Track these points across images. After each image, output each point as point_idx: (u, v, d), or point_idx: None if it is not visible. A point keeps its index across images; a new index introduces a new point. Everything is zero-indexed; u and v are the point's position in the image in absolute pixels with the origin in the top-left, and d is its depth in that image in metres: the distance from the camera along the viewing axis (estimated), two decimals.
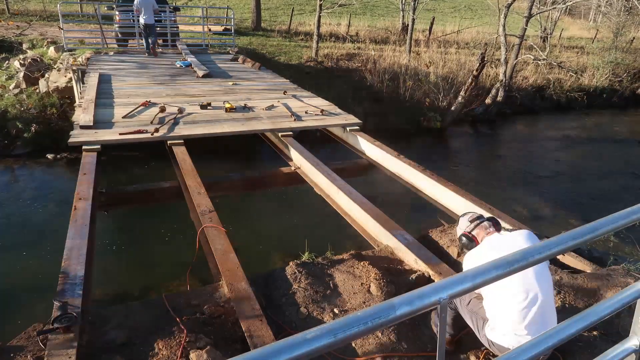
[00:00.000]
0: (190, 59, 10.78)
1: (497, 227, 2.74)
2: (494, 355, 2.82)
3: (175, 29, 13.87)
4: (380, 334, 2.83)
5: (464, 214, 2.91)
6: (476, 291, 2.59)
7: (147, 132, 5.64)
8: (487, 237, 2.68)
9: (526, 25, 13.55)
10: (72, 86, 9.44)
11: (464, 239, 2.78)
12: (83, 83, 8.34)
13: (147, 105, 6.82)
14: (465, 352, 2.84)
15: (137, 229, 6.30)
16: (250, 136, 6.83)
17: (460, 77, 13.29)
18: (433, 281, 3.30)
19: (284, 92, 8.26)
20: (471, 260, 2.60)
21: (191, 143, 5.66)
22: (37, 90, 10.00)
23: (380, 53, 15.76)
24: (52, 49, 12.23)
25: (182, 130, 5.86)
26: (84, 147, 5.14)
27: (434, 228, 4.27)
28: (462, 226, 2.82)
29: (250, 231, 6.36)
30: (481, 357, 2.80)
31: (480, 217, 2.80)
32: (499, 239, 2.63)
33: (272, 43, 16.22)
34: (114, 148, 5.62)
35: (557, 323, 2.26)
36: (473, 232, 2.74)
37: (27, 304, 4.40)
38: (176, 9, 15.04)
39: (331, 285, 3.30)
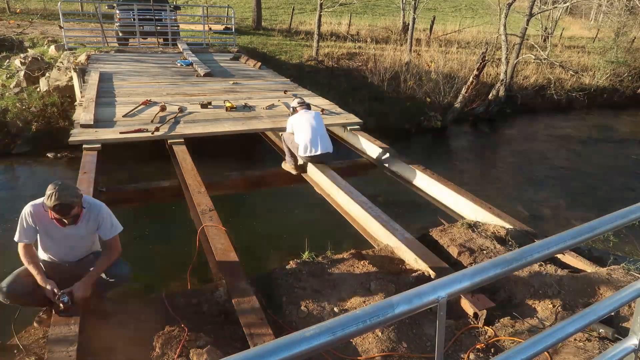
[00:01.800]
0: (191, 58, 10.77)
1: (308, 108, 5.54)
2: (494, 351, 2.83)
3: (176, 27, 13.86)
4: (380, 333, 2.83)
5: (298, 99, 5.72)
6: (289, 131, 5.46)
7: (147, 131, 5.64)
8: (302, 111, 5.43)
9: (527, 24, 13.53)
10: (73, 85, 9.43)
11: (291, 109, 5.68)
12: (84, 82, 8.35)
13: (148, 104, 6.82)
14: (465, 351, 2.84)
15: (137, 228, 6.29)
16: (251, 135, 6.83)
17: (461, 76, 13.28)
18: (433, 280, 3.30)
19: (285, 92, 8.27)
20: (292, 121, 5.42)
21: (191, 142, 5.67)
22: (38, 89, 10.01)
23: (381, 52, 15.76)
24: (52, 47, 12.24)
25: (183, 129, 5.87)
26: (84, 146, 5.15)
27: (434, 227, 4.28)
28: (295, 104, 5.59)
29: (250, 230, 6.36)
30: (481, 351, 2.80)
31: (304, 103, 5.58)
32: (306, 113, 5.40)
33: (273, 42, 16.21)
34: (114, 147, 5.62)
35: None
36: (298, 108, 5.48)
37: None
38: (177, 7, 15.04)
39: (331, 284, 3.30)
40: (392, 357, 2.71)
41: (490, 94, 13.45)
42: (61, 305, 2.67)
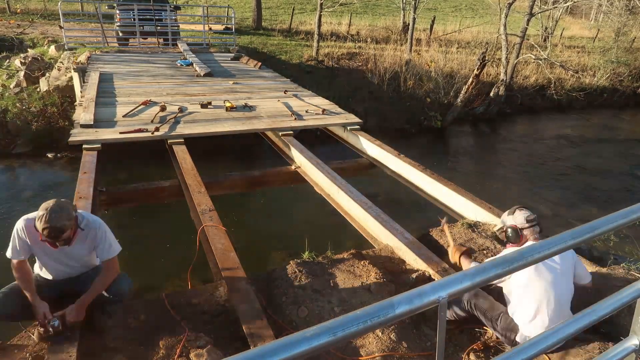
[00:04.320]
0: (191, 58, 10.78)
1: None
2: (494, 351, 2.83)
3: (176, 28, 13.87)
4: (380, 333, 2.83)
5: (521, 208, 2.90)
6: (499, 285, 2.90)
7: (147, 131, 5.64)
8: (532, 242, 2.79)
9: (527, 24, 13.54)
10: (73, 85, 9.44)
11: (510, 231, 2.85)
12: (84, 82, 8.35)
13: (148, 104, 6.82)
14: (464, 351, 2.84)
15: (137, 228, 6.30)
16: (251, 135, 6.83)
17: (461, 76, 13.29)
18: (433, 280, 3.31)
19: (285, 91, 8.26)
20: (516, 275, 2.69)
21: (191, 142, 5.66)
22: (38, 89, 10.01)
23: (381, 52, 15.76)
24: (52, 47, 12.24)
25: (183, 129, 5.87)
26: (84, 146, 5.14)
27: (434, 227, 4.27)
28: (517, 220, 2.85)
29: (250, 230, 6.37)
30: (479, 350, 2.80)
31: (536, 219, 2.84)
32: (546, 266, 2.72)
33: (273, 42, 16.21)
34: (114, 147, 5.62)
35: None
36: (524, 231, 2.81)
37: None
38: (177, 7, 15.05)
39: (331, 284, 3.30)
40: (392, 357, 2.71)
41: (490, 94, 13.45)
42: (51, 330, 2.54)
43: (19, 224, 2.65)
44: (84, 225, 2.73)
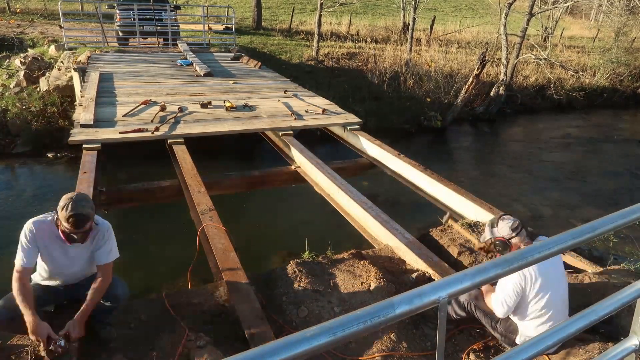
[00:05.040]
0: (191, 57, 10.77)
1: (530, 237, 2.79)
2: (494, 351, 2.83)
3: (176, 27, 13.87)
4: (380, 333, 2.83)
5: (502, 217, 2.86)
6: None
7: (147, 130, 5.64)
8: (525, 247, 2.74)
9: (527, 24, 13.53)
10: (73, 85, 9.43)
11: (499, 244, 2.80)
12: (84, 82, 8.34)
13: (148, 104, 6.82)
14: (464, 351, 2.84)
15: (137, 228, 6.29)
16: (251, 135, 6.83)
17: (461, 76, 13.28)
18: (433, 280, 3.31)
19: (285, 91, 8.26)
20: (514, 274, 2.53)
21: (191, 142, 5.66)
22: (38, 89, 10.00)
23: (381, 52, 15.76)
24: (52, 47, 12.24)
25: (183, 129, 5.87)
26: (84, 146, 5.14)
27: (434, 227, 4.27)
28: (502, 231, 2.80)
29: (250, 230, 6.36)
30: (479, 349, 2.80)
31: (519, 225, 2.79)
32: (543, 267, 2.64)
33: (273, 42, 16.21)
34: (114, 147, 5.62)
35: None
36: (512, 241, 2.77)
37: None
38: (177, 7, 15.04)
39: (331, 284, 3.30)
40: (392, 356, 2.71)
41: (490, 94, 13.45)
42: (60, 350, 2.39)
43: (27, 225, 2.57)
44: (96, 220, 2.66)
